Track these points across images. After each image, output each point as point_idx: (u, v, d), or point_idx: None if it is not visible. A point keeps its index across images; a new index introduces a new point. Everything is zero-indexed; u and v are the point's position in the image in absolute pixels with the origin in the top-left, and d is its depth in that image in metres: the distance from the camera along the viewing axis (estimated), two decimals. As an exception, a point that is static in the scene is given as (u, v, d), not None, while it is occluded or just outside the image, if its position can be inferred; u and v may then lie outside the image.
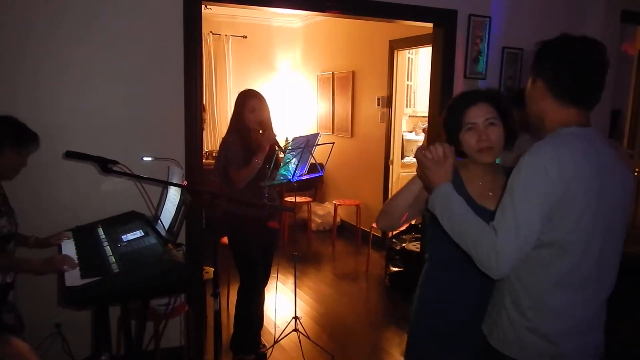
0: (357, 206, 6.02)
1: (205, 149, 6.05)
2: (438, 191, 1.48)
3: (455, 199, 1.44)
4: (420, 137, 5.72)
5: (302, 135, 3.28)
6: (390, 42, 5.59)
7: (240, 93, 3.20)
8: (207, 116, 6.71)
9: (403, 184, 1.81)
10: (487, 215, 1.48)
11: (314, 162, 3.31)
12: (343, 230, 6.54)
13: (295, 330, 3.43)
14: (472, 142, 1.66)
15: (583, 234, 1.38)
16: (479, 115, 1.66)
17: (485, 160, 1.68)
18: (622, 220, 1.47)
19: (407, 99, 5.98)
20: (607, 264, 1.45)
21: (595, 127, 1.51)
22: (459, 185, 1.69)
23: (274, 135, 3.07)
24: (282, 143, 3.35)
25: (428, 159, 1.50)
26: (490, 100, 1.69)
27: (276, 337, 3.46)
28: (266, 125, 3.10)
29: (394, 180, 5.75)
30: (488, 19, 3.82)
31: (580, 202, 1.35)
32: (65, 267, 2.07)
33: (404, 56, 5.72)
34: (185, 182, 2.57)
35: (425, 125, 5.39)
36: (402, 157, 5.74)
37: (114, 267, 2.11)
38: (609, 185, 1.41)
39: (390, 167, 5.66)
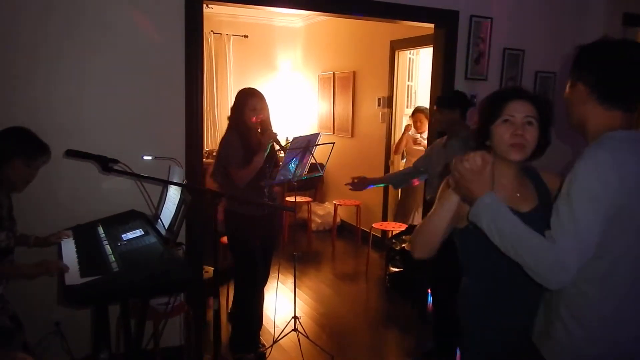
0: (357, 206, 6.02)
1: (205, 148, 6.06)
2: (481, 202, 1.38)
3: (503, 209, 1.38)
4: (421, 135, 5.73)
5: (302, 135, 3.28)
6: (392, 42, 5.59)
7: (240, 91, 3.20)
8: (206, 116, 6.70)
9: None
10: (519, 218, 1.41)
11: (314, 162, 3.31)
12: (343, 231, 6.54)
13: (295, 330, 3.43)
14: (505, 136, 1.57)
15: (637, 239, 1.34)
16: (519, 110, 1.59)
17: (514, 158, 1.59)
18: None
19: (407, 100, 5.97)
20: None
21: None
22: None
23: (275, 134, 3.07)
24: (282, 142, 3.35)
25: (467, 170, 1.40)
26: (535, 102, 1.63)
27: (275, 336, 3.46)
28: (266, 124, 3.11)
29: (394, 180, 5.73)
30: (489, 20, 3.82)
31: (636, 206, 1.32)
32: (57, 269, 2.08)
33: (405, 57, 5.71)
34: (185, 181, 2.57)
35: (409, 122, 5.47)
36: (402, 157, 5.74)
37: (114, 266, 2.11)
38: None
39: (391, 167, 5.66)
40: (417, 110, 5.38)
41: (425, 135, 5.28)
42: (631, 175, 1.31)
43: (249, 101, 3.08)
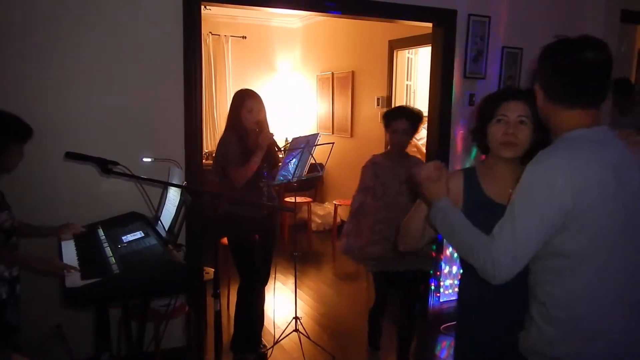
0: (357, 206, 6.02)
1: (204, 150, 6.06)
2: (436, 205, 1.52)
3: (453, 212, 1.49)
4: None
5: (301, 135, 3.28)
6: (390, 42, 5.59)
7: (236, 92, 3.21)
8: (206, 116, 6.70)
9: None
10: None
11: (313, 162, 3.31)
12: (343, 231, 6.53)
13: (296, 330, 3.43)
14: (497, 134, 1.64)
15: (604, 242, 1.37)
16: (513, 110, 1.64)
17: (505, 155, 1.65)
18: None
19: (406, 99, 5.97)
20: (635, 266, 1.41)
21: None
22: (474, 186, 1.69)
23: (272, 135, 3.07)
24: (281, 143, 3.35)
25: (424, 178, 1.53)
26: (529, 102, 1.64)
27: (276, 337, 3.46)
28: (263, 125, 3.11)
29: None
30: (487, 18, 3.82)
31: (597, 212, 1.34)
32: (64, 270, 2.08)
33: (403, 56, 5.71)
34: (185, 183, 2.57)
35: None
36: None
37: (114, 267, 2.11)
38: (629, 186, 1.38)
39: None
40: None
41: (418, 136, 5.28)
42: (582, 179, 1.33)
43: (245, 102, 3.09)
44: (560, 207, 1.33)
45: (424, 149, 5.18)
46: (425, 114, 4.90)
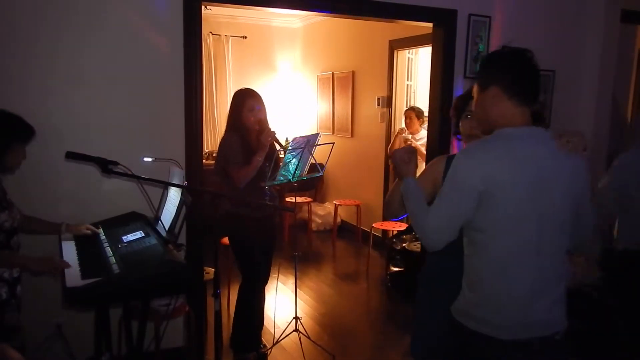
0: (358, 206, 6.03)
1: (205, 150, 6.06)
2: (404, 182, 1.79)
3: (414, 188, 1.75)
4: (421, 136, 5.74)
5: (302, 135, 3.28)
6: (390, 42, 5.59)
7: (237, 92, 3.21)
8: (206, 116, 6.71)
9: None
10: None
11: (314, 162, 3.31)
12: (343, 231, 6.54)
13: (296, 330, 3.43)
14: (465, 128, 2.03)
15: (515, 222, 1.58)
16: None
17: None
18: (567, 207, 1.63)
19: (407, 99, 5.97)
20: (547, 250, 1.61)
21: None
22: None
23: (274, 132, 3.07)
24: (281, 142, 3.36)
25: (398, 159, 1.81)
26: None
27: (277, 337, 3.46)
28: (264, 124, 3.11)
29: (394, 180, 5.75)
30: (488, 18, 3.82)
31: (507, 195, 1.56)
32: (60, 269, 2.09)
33: (403, 56, 5.72)
34: (185, 183, 2.57)
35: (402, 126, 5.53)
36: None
37: (115, 267, 2.11)
38: (545, 178, 1.58)
39: (391, 167, 5.66)
40: (409, 109, 5.42)
41: (418, 135, 5.29)
42: (493, 167, 1.56)
43: (246, 101, 3.09)
44: (473, 190, 1.57)
45: (423, 150, 5.19)
46: (426, 114, 4.93)
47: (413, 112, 5.31)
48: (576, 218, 1.68)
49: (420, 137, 5.27)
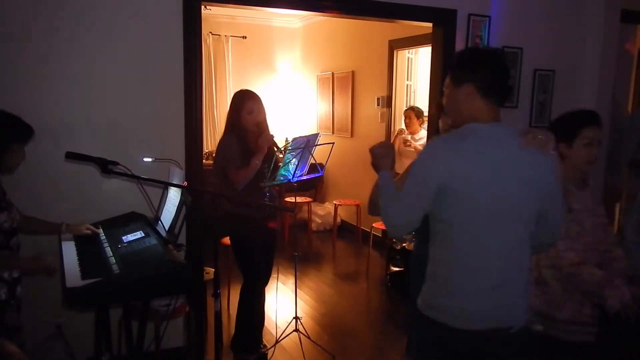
0: (358, 206, 6.03)
1: (205, 150, 6.06)
2: (381, 174, 1.82)
3: (386, 180, 1.78)
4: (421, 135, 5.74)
5: (302, 135, 3.28)
6: (390, 42, 5.59)
7: (236, 94, 3.20)
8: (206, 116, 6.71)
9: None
10: None
11: (314, 162, 3.31)
12: (343, 231, 6.54)
13: (296, 330, 3.43)
14: (443, 124, 2.26)
15: (471, 216, 1.61)
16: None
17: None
18: (530, 203, 1.66)
19: (406, 99, 5.97)
20: (507, 244, 1.65)
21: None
22: None
23: (272, 136, 3.07)
24: (281, 143, 3.35)
25: (377, 153, 1.84)
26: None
27: (277, 337, 3.46)
28: (263, 127, 3.11)
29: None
30: (487, 18, 3.82)
31: (466, 189, 1.59)
32: (50, 268, 2.12)
33: (403, 56, 5.72)
34: (185, 183, 2.57)
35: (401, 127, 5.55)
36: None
37: (115, 267, 2.11)
38: (506, 173, 1.61)
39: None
40: (409, 109, 5.42)
41: (417, 136, 5.29)
42: (456, 161, 1.60)
43: (245, 103, 3.09)
44: (433, 183, 1.61)
45: None
46: (425, 114, 4.94)
47: (413, 112, 5.32)
48: (542, 215, 1.70)
49: (420, 137, 5.27)
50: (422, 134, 5.30)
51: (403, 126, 5.50)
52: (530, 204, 1.66)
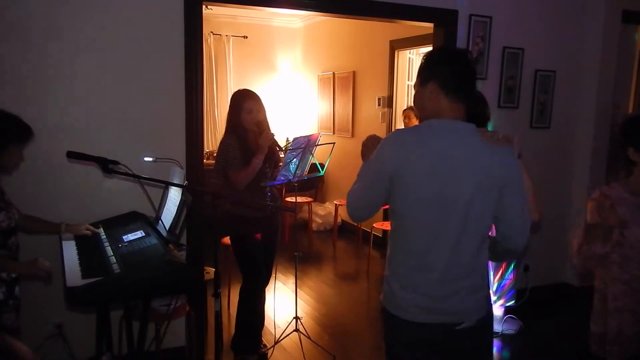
0: (358, 206, 6.01)
1: (205, 150, 6.05)
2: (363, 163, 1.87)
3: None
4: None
5: (302, 135, 3.28)
6: (391, 42, 5.59)
7: (235, 93, 3.20)
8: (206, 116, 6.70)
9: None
10: None
11: (314, 162, 3.31)
12: (344, 231, 6.54)
13: (296, 330, 3.43)
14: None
15: (419, 208, 1.65)
16: None
17: None
18: (483, 199, 1.64)
19: (407, 99, 5.97)
20: (457, 239, 1.66)
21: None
22: None
23: (272, 135, 3.07)
24: (282, 143, 3.36)
25: (366, 146, 1.90)
26: None
27: (277, 337, 3.46)
28: (263, 126, 3.11)
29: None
30: (489, 19, 3.82)
31: (414, 181, 1.64)
32: (44, 271, 2.11)
33: (404, 56, 5.71)
34: (186, 183, 2.57)
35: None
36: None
37: (115, 267, 2.11)
38: (457, 168, 1.62)
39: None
40: (408, 108, 5.44)
41: None
42: (407, 154, 1.64)
43: (244, 103, 3.09)
44: (384, 173, 1.68)
45: None
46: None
47: (412, 112, 5.32)
48: (499, 210, 1.68)
49: None
50: None
51: (402, 126, 5.51)
52: (482, 198, 1.65)
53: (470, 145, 1.65)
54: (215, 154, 5.59)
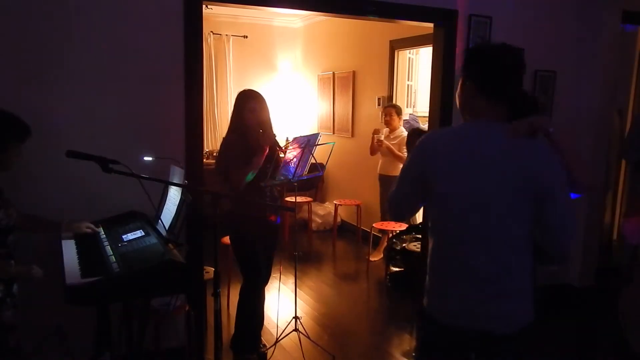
0: (358, 206, 6.02)
1: (205, 149, 6.06)
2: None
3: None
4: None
5: (302, 135, 3.28)
6: (391, 42, 5.59)
7: (239, 93, 3.20)
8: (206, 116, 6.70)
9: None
10: None
11: (314, 162, 3.31)
12: (343, 230, 6.54)
13: (296, 330, 3.43)
14: None
15: (449, 212, 1.65)
16: None
17: None
18: (516, 199, 1.58)
19: (407, 99, 5.99)
20: (487, 242, 1.62)
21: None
22: None
23: (274, 135, 3.07)
24: (282, 143, 3.36)
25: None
26: None
27: (277, 337, 3.46)
28: (266, 126, 3.11)
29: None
30: (489, 19, 3.82)
31: (441, 184, 1.64)
32: (35, 278, 2.14)
33: (404, 56, 5.72)
34: (186, 182, 2.57)
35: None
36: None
37: (115, 266, 2.11)
38: (484, 170, 1.59)
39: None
40: (389, 106, 5.39)
41: (396, 133, 5.26)
42: (431, 147, 1.68)
43: (247, 103, 3.09)
44: (415, 174, 1.71)
45: (396, 150, 5.17)
46: (426, 114, 4.93)
47: (394, 109, 5.28)
48: (541, 214, 1.59)
49: (397, 136, 5.24)
50: (401, 131, 5.28)
51: (383, 124, 5.44)
52: (517, 200, 1.57)
53: (503, 146, 1.59)
54: (215, 154, 5.59)
